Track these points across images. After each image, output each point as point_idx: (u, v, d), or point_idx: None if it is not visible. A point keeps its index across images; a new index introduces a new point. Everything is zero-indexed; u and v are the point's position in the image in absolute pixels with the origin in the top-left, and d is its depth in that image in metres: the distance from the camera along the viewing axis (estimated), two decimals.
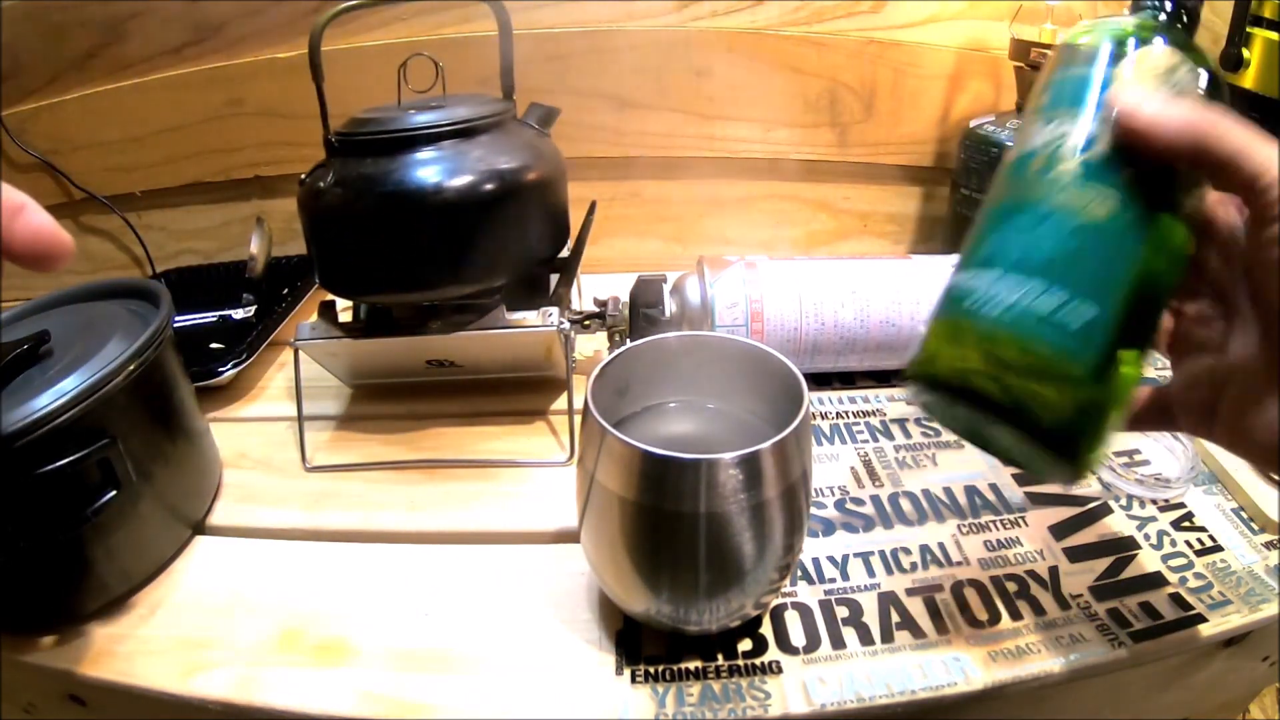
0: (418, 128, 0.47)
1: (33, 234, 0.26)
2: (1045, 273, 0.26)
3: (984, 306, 0.27)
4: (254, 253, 0.68)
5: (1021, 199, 0.28)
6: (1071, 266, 0.26)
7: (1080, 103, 0.29)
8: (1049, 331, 0.26)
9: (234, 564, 0.44)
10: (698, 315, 0.54)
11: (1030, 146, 0.29)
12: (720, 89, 0.71)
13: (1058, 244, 0.27)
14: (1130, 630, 0.38)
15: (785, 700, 0.35)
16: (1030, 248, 0.27)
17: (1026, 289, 0.26)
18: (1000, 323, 0.26)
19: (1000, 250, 0.28)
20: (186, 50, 0.70)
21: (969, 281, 0.28)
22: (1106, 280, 0.26)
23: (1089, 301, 0.26)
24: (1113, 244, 0.27)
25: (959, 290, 0.29)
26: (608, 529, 0.35)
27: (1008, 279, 0.27)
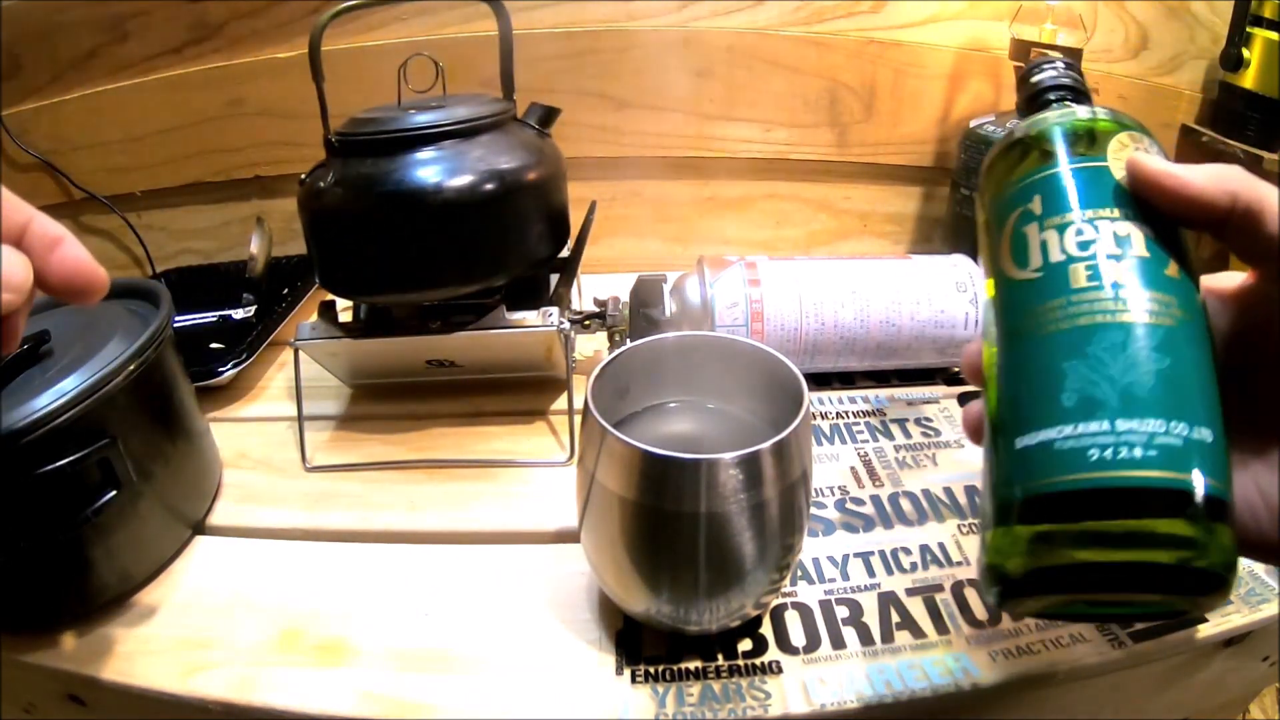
0: (418, 128, 0.47)
1: (70, 269, 0.26)
2: (1158, 404, 0.23)
3: (1108, 466, 0.22)
4: (254, 253, 0.68)
5: (1084, 326, 0.24)
6: (1178, 387, 0.23)
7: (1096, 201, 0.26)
8: (1188, 462, 0.22)
9: (234, 564, 0.44)
10: (698, 315, 0.54)
11: (1058, 256, 0.26)
12: (720, 89, 0.71)
13: (1154, 364, 0.23)
14: (1130, 630, 0.38)
15: (785, 700, 0.35)
16: (1130, 377, 0.23)
17: (1148, 432, 0.22)
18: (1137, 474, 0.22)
19: (1094, 394, 0.23)
20: (186, 50, 0.70)
21: (1072, 441, 0.23)
22: (1207, 390, 0.24)
23: (1203, 424, 0.23)
24: (1196, 345, 0.24)
25: (1060, 456, 0.23)
26: (608, 529, 0.35)
27: (1121, 424, 0.23)
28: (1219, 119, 0.69)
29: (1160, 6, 0.69)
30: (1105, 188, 0.26)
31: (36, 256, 0.25)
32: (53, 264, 0.25)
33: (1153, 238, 0.25)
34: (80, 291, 0.26)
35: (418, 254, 0.47)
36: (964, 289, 0.55)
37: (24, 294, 0.24)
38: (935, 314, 0.54)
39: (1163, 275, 0.25)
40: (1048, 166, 0.28)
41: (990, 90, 0.72)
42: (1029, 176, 0.28)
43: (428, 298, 0.49)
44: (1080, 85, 0.31)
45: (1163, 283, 0.25)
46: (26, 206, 0.26)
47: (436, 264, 0.47)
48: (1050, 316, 0.25)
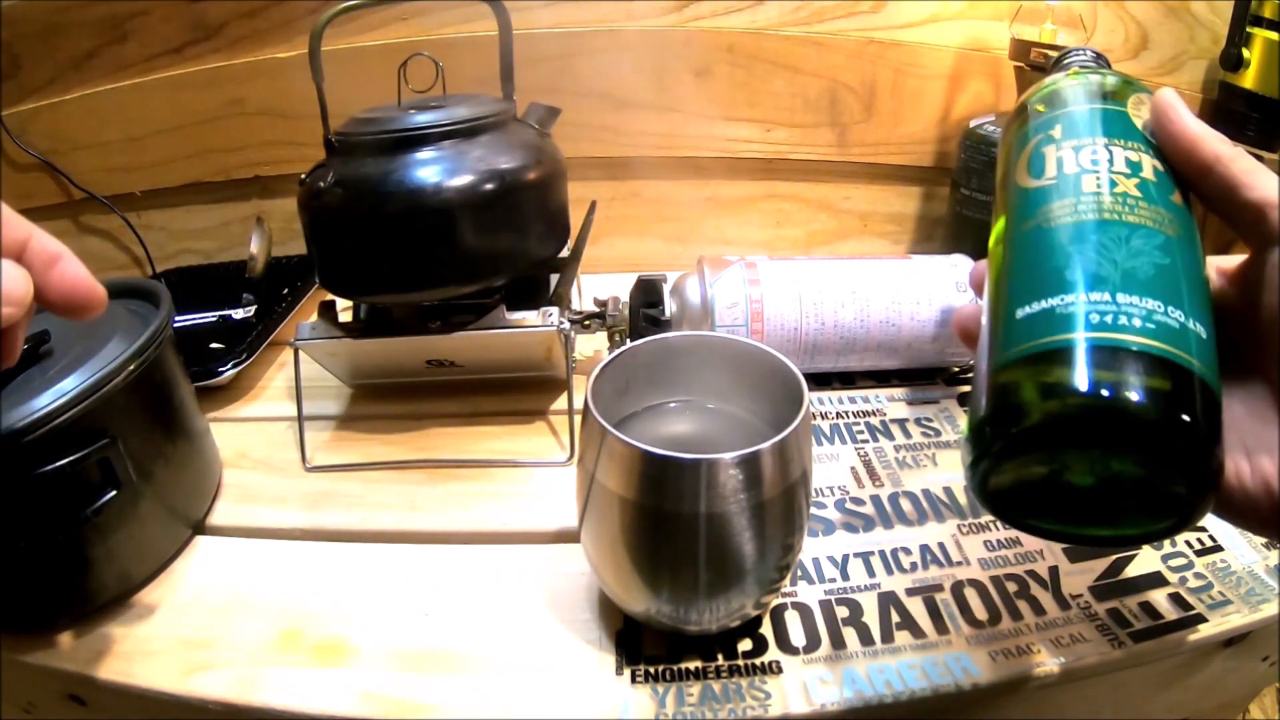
0: (418, 128, 0.47)
1: (69, 286, 0.26)
2: (1157, 290, 0.24)
3: (1109, 329, 0.23)
4: (254, 253, 0.68)
5: (1093, 215, 0.26)
6: (1175, 283, 0.24)
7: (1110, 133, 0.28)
8: (1182, 346, 0.23)
9: (234, 564, 0.44)
10: (698, 315, 0.54)
11: (1073, 168, 0.27)
12: (720, 89, 0.71)
13: (1154, 259, 0.24)
14: (1130, 630, 0.38)
15: (785, 700, 0.35)
16: (1132, 264, 0.24)
17: (1148, 309, 0.23)
18: (1137, 340, 0.23)
19: (1097, 270, 0.24)
20: (186, 50, 0.70)
21: (1073, 306, 0.24)
22: (1204, 300, 0.25)
23: (1201, 322, 0.24)
24: (1194, 261, 0.25)
25: (1059, 318, 0.24)
26: (608, 529, 0.35)
27: (1122, 297, 0.24)
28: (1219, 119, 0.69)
29: (1160, 6, 0.69)
30: (1123, 124, 0.28)
31: (36, 272, 0.25)
32: (52, 280, 0.26)
33: (1162, 169, 0.27)
34: (79, 307, 0.27)
35: (418, 254, 0.47)
36: (964, 289, 0.55)
37: (24, 308, 0.25)
38: (935, 314, 0.54)
39: (1168, 198, 0.26)
40: (1072, 104, 0.30)
41: (990, 90, 0.72)
42: (1053, 112, 0.30)
43: (428, 298, 0.49)
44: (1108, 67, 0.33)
45: (1167, 203, 0.26)
46: (26, 223, 0.26)
47: (436, 264, 0.47)
48: (1061, 211, 0.26)
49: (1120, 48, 0.70)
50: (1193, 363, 0.23)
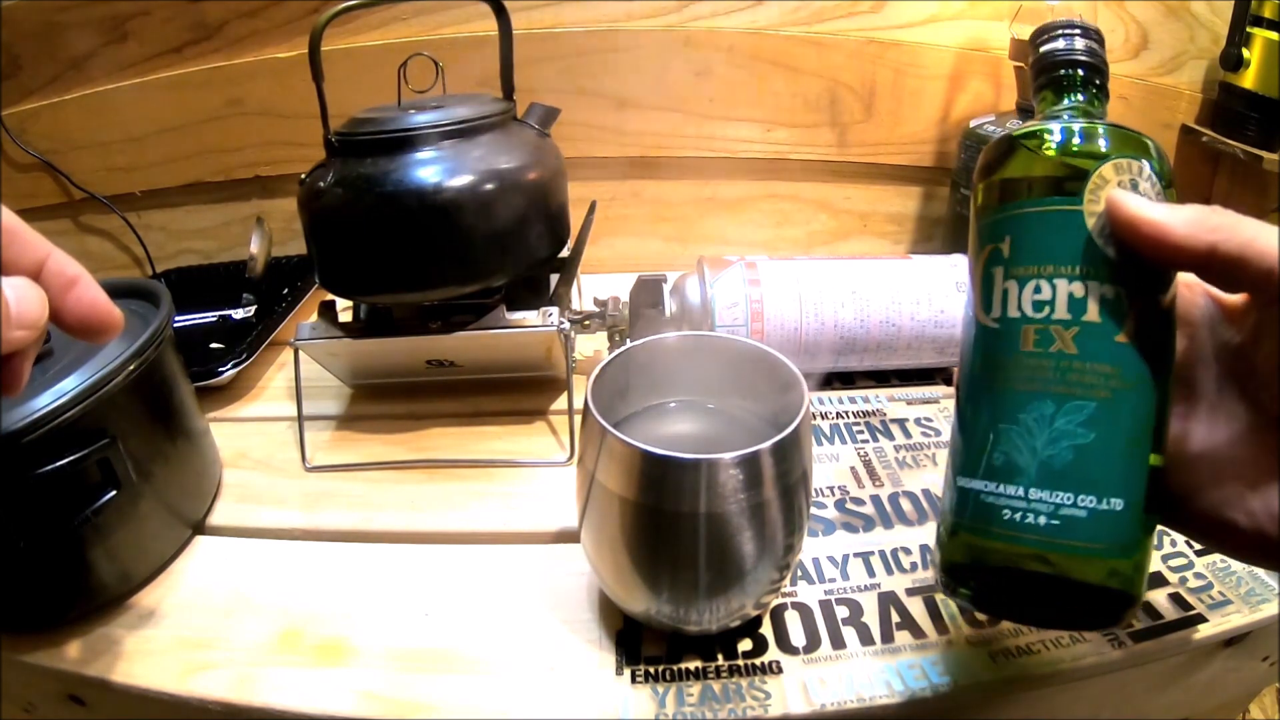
0: (418, 128, 0.47)
1: (86, 309, 0.26)
2: (1070, 478, 0.26)
3: (1016, 528, 0.26)
4: (254, 253, 0.68)
5: (1022, 387, 0.27)
6: (1094, 463, 0.26)
7: (1059, 253, 0.26)
8: (1086, 534, 0.26)
9: (234, 564, 0.44)
10: (698, 315, 0.54)
11: (1015, 312, 0.27)
12: (720, 89, 0.71)
13: (1075, 440, 0.26)
14: (1130, 630, 0.38)
15: (785, 700, 0.35)
16: (1049, 453, 0.26)
17: (1055, 500, 0.26)
18: (1037, 540, 0.26)
19: (1016, 459, 0.27)
20: (186, 50, 0.70)
21: (992, 498, 0.27)
22: (1130, 459, 0.26)
23: (1117, 495, 0.26)
24: (1128, 417, 0.26)
25: (982, 507, 0.27)
26: (608, 529, 0.35)
27: (1034, 494, 0.26)
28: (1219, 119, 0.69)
29: (1160, 6, 0.69)
30: (1073, 238, 0.26)
31: (53, 294, 0.25)
32: (69, 303, 0.26)
33: (1110, 299, 0.26)
34: (95, 331, 0.26)
35: (418, 254, 0.47)
36: (964, 289, 0.55)
37: (38, 330, 0.24)
38: (935, 314, 0.54)
39: (1110, 343, 0.26)
40: (1021, 204, 0.28)
41: (990, 90, 0.72)
42: (1004, 210, 0.28)
43: (428, 298, 0.49)
44: (1095, 60, 0.29)
45: (1107, 352, 0.26)
46: (45, 242, 0.26)
47: (436, 264, 0.47)
48: (999, 373, 0.28)
49: (1120, 47, 0.70)
50: (1092, 548, 0.26)
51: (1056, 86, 0.30)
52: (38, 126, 0.72)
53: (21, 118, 0.71)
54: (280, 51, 0.69)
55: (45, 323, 0.25)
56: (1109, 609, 0.27)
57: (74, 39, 0.69)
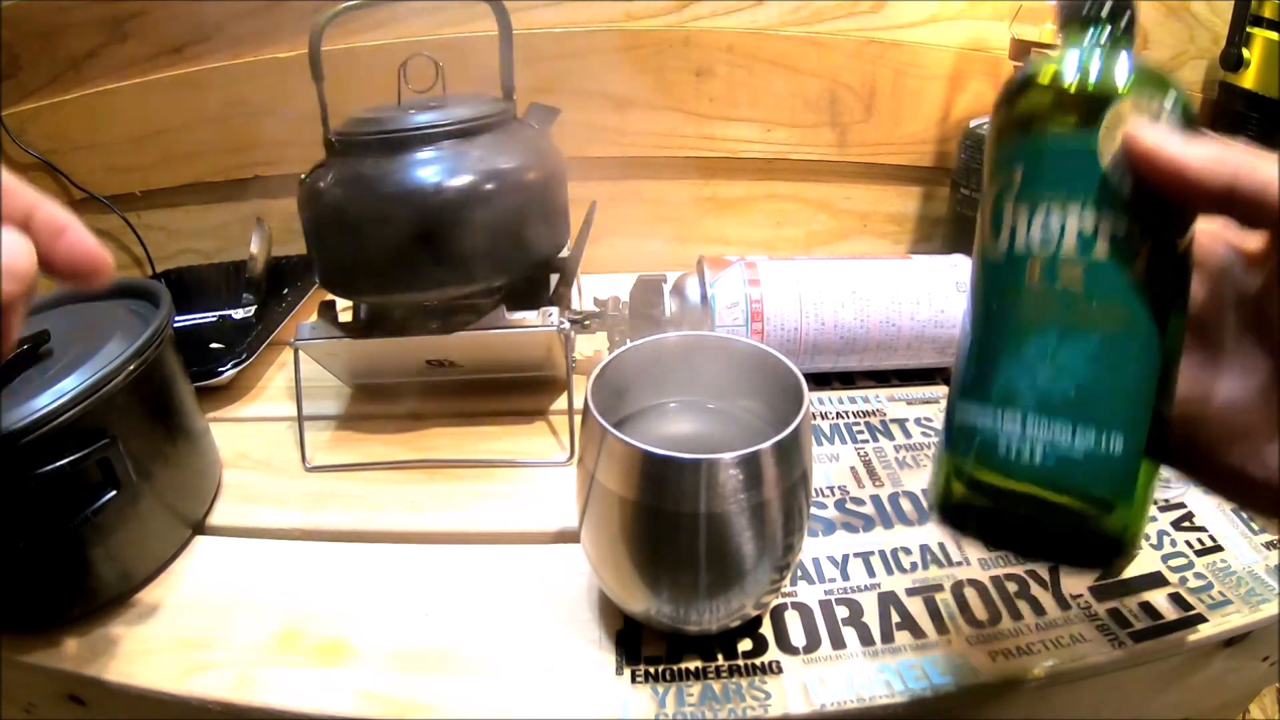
0: (418, 128, 0.47)
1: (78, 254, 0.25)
2: (1070, 412, 0.25)
3: (1011, 457, 0.26)
4: (254, 253, 0.68)
5: (1027, 320, 0.26)
6: (1096, 398, 0.25)
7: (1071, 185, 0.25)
8: (1082, 473, 0.25)
9: (234, 564, 0.44)
10: (698, 315, 0.54)
11: (1022, 246, 0.26)
12: (720, 89, 0.71)
13: (1077, 376, 0.25)
14: (1130, 630, 0.38)
15: (785, 700, 0.35)
16: (1050, 384, 0.25)
17: (1053, 433, 0.25)
18: (1032, 474, 0.26)
19: (1016, 387, 0.26)
20: (186, 50, 0.70)
21: (988, 425, 0.26)
22: (1133, 400, 0.25)
23: (1118, 432, 0.25)
24: (1132, 358, 0.25)
25: (979, 435, 0.27)
26: (608, 529, 0.35)
27: (1031, 422, 0.25)
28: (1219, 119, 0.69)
29: (1160, 6, 0.69)
30: (1087, 171, 0.25)
31: (43, 243, 0.25)
32: (59, 250, 0.25)
33: (1121, 236, 0.25)
34: (86, 275, 0.26)
35: (418, 254, 0.47)
36: (964, 289, 0.55)
37: (27, 283, 0.24)
38: (935, 314, 0.54)
39: (1119, 281, 0.25)
40: (1036, 135, 0.27)
41: (990, 90, 0.72)
42: (1019, 140, 0.27)
43: (428, 298, 0.49)
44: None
45: (1115, 290, 0.25)
46: (31, 191, 0.25)
47: (436, 264, 0.47)
48: (1004, 304, 0.27)
49: None
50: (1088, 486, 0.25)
51: (1081, 19, 0.29)
52: (38, 126, 0.72)
53: (21, 118, 0.71)
54: (280, 51, 0.69)
55: (34, 275, 0.24)
56: (1100, 552, 0.27)
57: (74, 39, 0.69)
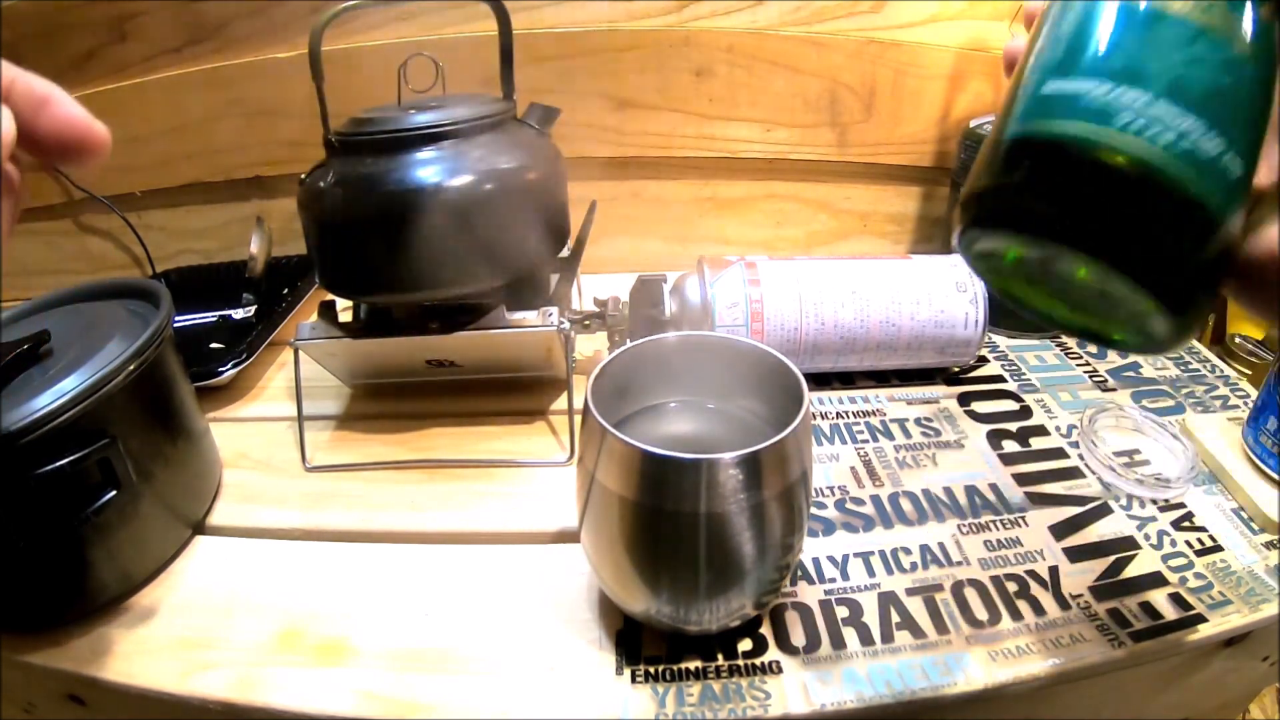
0: (418, 128, 0.47)
1: (63, 124, 0.24)
2: (1203, 110, 0.22)
3: (1134, 127, 0.22)
4: (254, 253, 0.68)
5: (1161, 6, 0.23)
6: (1227, 108, 0.22)
7: None
8: (1205, 179, 0.22)
9: (234, 564, 0.44)
10: (698, 315, 0.54)
11: None
12: (720, 89, 0.71)
13: (1212, 77, 0.22)
14: (1130, 630, 0.38)
15: (785, 700, 0.35)
16: (1187, 75, 0.22)
17: (1187, 126, 0.22)
18: (1156, 156, 0.22)
19: (1147, 66, 0.22)
20: (186, 50, 0.70)
21: (1108, 94, 0.22)
22: (1252, 126, 0.23)
23: (1239, 154, 0.22)
24: (1258, 82, 0.23)
25: (1092, 101, 0.22)
26: (608, 529, 0.35)
27: (1162, 106, 0.22)
28: None
29: None
30: None
31: (25, 116, 0.23)
32: (43, 122, 0.24)
33: None
34: (76, 148, 0.24)
35: (418, 254, 0.47)
36: (964, 289, 0.55)
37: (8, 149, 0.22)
38: (935, 314, 0.54)
39: (1255, 12, 0.23)
40: None
41: (990, 90, 0.72)
42: None
43: (428, 298, 0.49)
44: None
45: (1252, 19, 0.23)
46: (10, 66, 0.24)
47: (436, 264, 0.47)
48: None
49: None
50: (1209, 198, 0.22)
51: None
52: None
53: None
54: (280, 51, 0.69)
55: (12, 139, 0.23)
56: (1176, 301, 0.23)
57: (74, 39, 0.69)
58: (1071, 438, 0.52)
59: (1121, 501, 0.47)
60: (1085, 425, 0.52)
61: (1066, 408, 0.55)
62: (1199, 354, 0.62)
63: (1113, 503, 0.46)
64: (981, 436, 0.52)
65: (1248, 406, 0.55)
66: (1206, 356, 0.62)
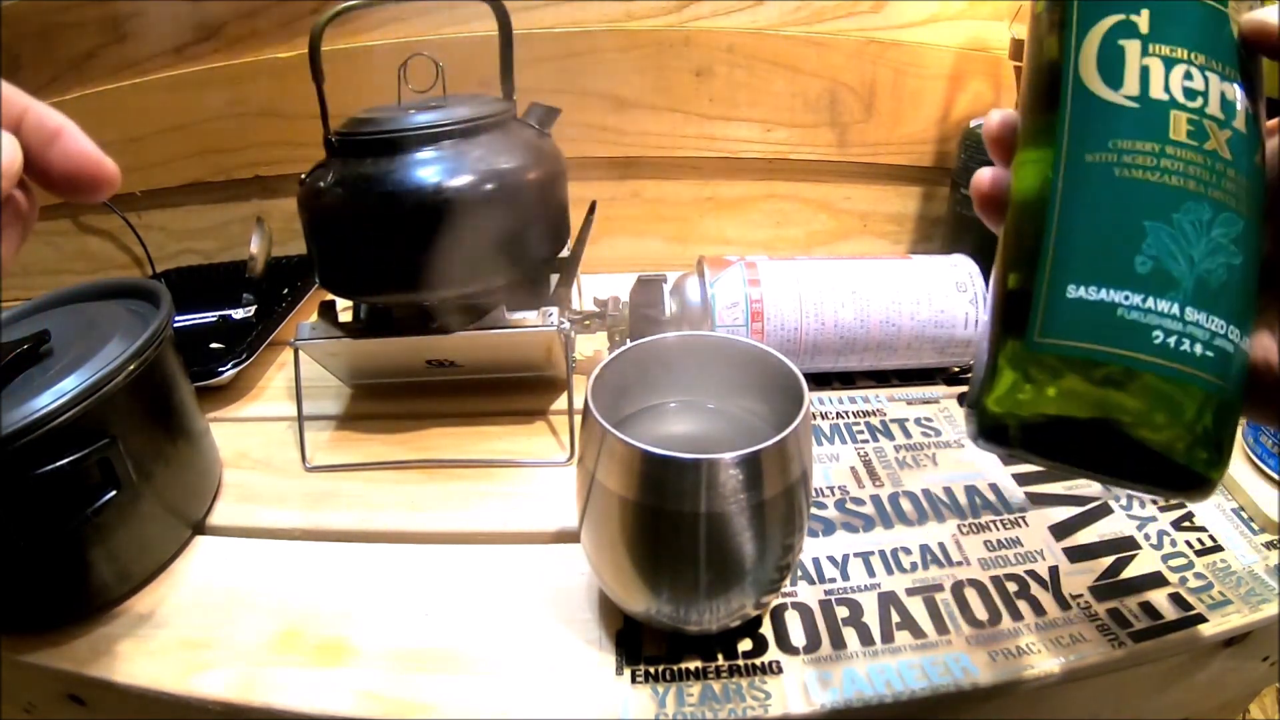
0: (418, 128, 0.47)
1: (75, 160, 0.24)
2: (1223, 306, 0.22)
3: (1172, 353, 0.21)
4: (254, 253, 0.68)
5: (1176, 187, 0.22)
6: (1243, 292, 0.22)
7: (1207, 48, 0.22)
8: (1218, 370, 0.22)
9: (234, 564, 0.44)
10: (698, 315, 0.54)
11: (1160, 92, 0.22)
12: (720, 89, 0.71)
13: (1229, 258, 0.22)
14: (1130, 630, 0.38)
15: (785, 700, 0.35)
16: (1207, 264, 0.22)
17: (1212, 327, 0.21)
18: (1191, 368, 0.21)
19: (1170, 267, 0.21)
20: (186, 50, 0.70)
21: (1132, 311, 0.22)
22: (1251, 291, 0.22)
23: (1243, 329, 0.22)
24: (1256, 255, 0.22)
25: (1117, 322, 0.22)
26: (608, 529, 0.35)
27: (1190, 311, 0.21)
28: None
29: None
30: (1222, 35, 0.23)
31: (35, 150, 0.23)
32: (54, 157, 0.24)
33: (1252, 115, 0.23)
34: (86, 185, 0.24)
35: (418, 254, 0.47)
36: (964, 289, 0.55)
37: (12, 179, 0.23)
38: (935, 314, 0.54)
39: (1252, 160, 0.23)
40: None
41: (990, 90, 0.72)
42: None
43: (428, 298, 0.49)
44: None
45: (1250, 169, 0.22)
46: (23, 95, 0.24)
47: (436, 264, 0.47)
48: (1139, 159, 0.22)
49: None
50: (1227, 388, 0.22)
51: None
52: None
53: None
54: (280, 51, 0.69)
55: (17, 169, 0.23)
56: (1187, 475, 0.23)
57: (74, 39, 0.69)
58: None
59: (1121, 501, 0.47)
60: None
61: None
62: None
63: (1113, 503, 0.46)
64: None
65: None
66: None
